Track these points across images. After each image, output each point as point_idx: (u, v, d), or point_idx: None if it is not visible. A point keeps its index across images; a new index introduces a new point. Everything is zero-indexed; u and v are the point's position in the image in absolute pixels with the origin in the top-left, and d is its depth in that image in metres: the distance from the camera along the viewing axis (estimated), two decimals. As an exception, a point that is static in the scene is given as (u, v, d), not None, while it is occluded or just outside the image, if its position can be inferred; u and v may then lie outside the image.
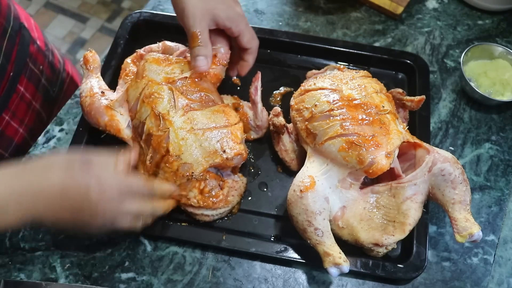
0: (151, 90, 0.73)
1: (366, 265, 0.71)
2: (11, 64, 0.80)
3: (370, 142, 0.68)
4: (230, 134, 0.72)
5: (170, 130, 0.70)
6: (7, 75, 0.80)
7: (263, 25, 1.01)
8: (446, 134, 0.88)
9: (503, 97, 0.89)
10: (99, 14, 2.32)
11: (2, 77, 0.79)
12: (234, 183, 0.75)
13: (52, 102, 0.97)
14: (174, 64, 0.77)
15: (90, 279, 0.71)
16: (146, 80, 0.75)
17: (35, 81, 0.89)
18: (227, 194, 0.74)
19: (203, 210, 0.73)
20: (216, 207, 0.73)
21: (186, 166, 0.70)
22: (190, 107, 0.72)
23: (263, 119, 0.80)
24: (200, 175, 0.70)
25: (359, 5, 1.06)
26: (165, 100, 0.72)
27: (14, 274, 0.71)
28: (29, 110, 0.89)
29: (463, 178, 0.70)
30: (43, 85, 0.92)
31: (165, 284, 0.71)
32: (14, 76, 0.82)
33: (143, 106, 0.73)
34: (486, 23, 1.04)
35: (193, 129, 0.71)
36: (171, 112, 0.71)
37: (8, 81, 0.81)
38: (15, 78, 0.83)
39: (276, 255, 0.71)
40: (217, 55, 0.79)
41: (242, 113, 0.81)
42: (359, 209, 0.71)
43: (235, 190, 0.75)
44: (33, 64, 0.88)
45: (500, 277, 0.75)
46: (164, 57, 0.78)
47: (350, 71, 0.82)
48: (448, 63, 0.98)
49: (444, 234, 0.78)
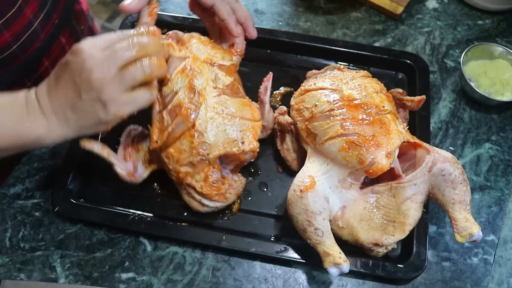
0: (192, 64, 0.74)
1: (366, 265, 0.71)
2: (57, 13, 0.84)
3: (371, 142, 0.68)
4: (252, 128, 0.73)
5: (202, 106, 0.71)
6: (52, 21, 0.84)
7: (263, 25, 1.01)
8: (446, 134, 0.88)
9: (503, 97, 0.89)
10: (99, 14, 2.32)
11: (48, 22, 0.83)
12: (233, 182, 0.75)
13: None
14: (217, 49, 0.78)
15: (90, 279, 0.71)
16: (189, 52, 0.75)
17: (75, 38, 0.94)
18: (226, 190, 0.74)
19: (202, 197, 0.73)
20: (215, 199, 0.73)
21: (205, 145, 0.70)
22: (224, 91, 0.74)
23: (269, 119, 0.81)
24: (213, 160, 0.71)
25: (359, 5, 1.06)
26: (204, 77, 0.73)
27: (14, 274, 0.71)
28: None
29: (463, 178, 0.70)
30: None
31: (165, 284, 0.71)
32: (58, 25, 0.86)
33: (180, 76, 0.73)
34: (486, 23, 1.04)
35: (222, 112, 0.72)
36: (207, 89, 0.73)
37: (52, 27, 0.84)
38: (59, 27, 0.87)
39: (276, 255, 0.71)
40: (234, 44, 0.80)
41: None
42: (359, 209, 0.71)
43: (233, 189, 0.75)
44: (76, 22, 0.94)
45: (500, 277, 0.75)
46: (209, 40, 0.79)
47: (350, 71, 0.82)
48: (448, 63, 0.98)
49: (444, 234, 0.78)
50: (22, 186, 0.79)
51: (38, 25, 0.80)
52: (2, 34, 0.74)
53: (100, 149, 0.72)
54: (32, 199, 0.78)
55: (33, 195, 0.78)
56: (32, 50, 0.81)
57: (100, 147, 0.73)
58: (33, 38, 0.80)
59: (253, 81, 0.89)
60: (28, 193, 0.78)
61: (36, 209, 0.77)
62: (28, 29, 0.78)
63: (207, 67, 0.75)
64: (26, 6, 0.75)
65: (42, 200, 0.78)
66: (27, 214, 0.76)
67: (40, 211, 0.77)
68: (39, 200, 0.78)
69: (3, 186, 0.79)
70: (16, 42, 0.77)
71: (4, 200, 0.77)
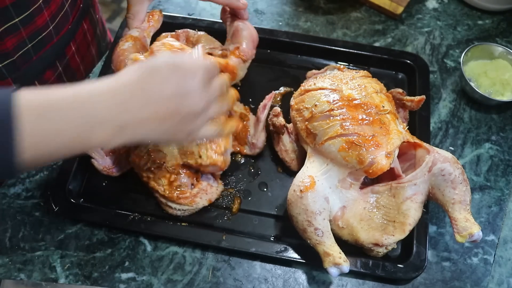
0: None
1: (366, 265, 0.71)
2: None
3: (370, 142, 0.68)
4: (213, 142, 0.72)
5: None
6: (77, 5, 0.88)
7: (263, 25, 1.01)
8: (446, 134, 0.88)
9: (503, 97, 0.89)
10: (99, 14, 2.32)
11: (74, 5, 0.86)
12: (208, 187, 0.75)
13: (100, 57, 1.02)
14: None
15: (90, 279, 0.71)
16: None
17: (93, 27, 0.97)
18: (195, 194, 0.74)
19: (167, 200, 0.73)
20: (179, 202, 0.73)
21: (160, 154, 0.71)
22: None
23: (259, 139, 0.80)
24: (172, 168, 0.71)
25: (359, 5, 1.06)
26: None
27: (14, 274, 0.71)
28: (88, 52, 0.96)
29: (463, 178, 0.70)
30: (97, 35, 1.01)
31: (165, 284, 0.71)
32: (83, 9, 0.90)
33: None
34: (486, 23, 1.04)
35: None
36: None
37: (78, 11, 0.88)
38: (83, 12, 0.91)
39: (276, 255, 0.71)
40: (240, 47, 0.79)
41: (244, 125, 0.81)
42: (359, 209, 0.71)
43: (206, 194, 0.75)
44: (93, 11, 0.97)
45: (500, 277, 0.75)
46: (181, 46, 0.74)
47: (350, 71, 0.82)
48: (448, 63, 0.98)
49: (444, 234, 0.78)
50: (22, 186, 0.79)
51: (68, 7, 0.83)
52: (42, 14, 0.76)
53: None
54: (32, 199, 0.78)
55: (33, 195, 0.78)
56: (64, 32, 0.84)
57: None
58: (65, 20, 0.83)
59: (253, 81, 0.89)
60: (28, 193, 0.78)
61: (36, 209, 0.77)
62: (61, 9, 0.81)
63: None
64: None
65: (42, 200, 0.78)
66: (27, 214, 0.76)
67: (40, 211, 0.77)
68: (39, 200, 0.78)
69: (3, 186, 0.79)
70: (52, 22, 0.79)
71: (4, 200, 0.77)
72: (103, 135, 0.51)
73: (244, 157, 0.82)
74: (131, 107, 0.52)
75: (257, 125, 0.80)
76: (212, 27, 0.92)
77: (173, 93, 0.54)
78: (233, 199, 0.78)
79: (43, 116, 0.48)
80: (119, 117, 0.52)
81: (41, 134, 0.48)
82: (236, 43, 0.81)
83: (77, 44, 0.91)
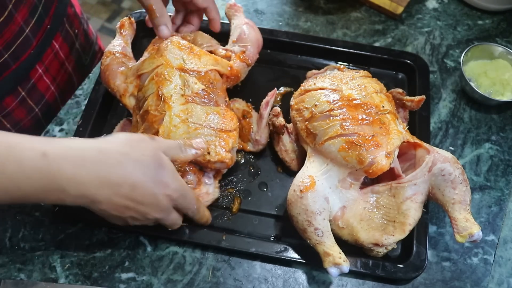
0: (163, 70, 0.74)
1: (366, 265, 0.71)
2: (49, 18, 0.83)
3: (370, 142, 0.68)
4: (221, 139, 0.72)
5: (166, 114, 0.71)
6: (44, 27, 0.83)
7: (263, 25, 1.01)
8: (446, 134, 0.88)
9: (503, 97, 0.89)
10: (99, 14, 2.32)
11: (39, 27, 0.81)
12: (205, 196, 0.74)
13: (84, 70, 1.00)
14: (194, 55, 0.77)
15: (90, 279, 0.71)
16: (163, 59, 0.76)
17: (69, 42, 0.93)
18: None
19: None
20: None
21: None
22: (193, 99, 0.73)
23: (262, 135, 0.80)
24: (179, 166, 0.70)
25: (359, 5, 1.06)
26: (172, 84, 0.73)
27: (14, 274, 0.71)
28: (62, 70, 0.92)
29: (463, 178, 0.70)
30: (76, 50, 0.97)
31: (165, 284, 0.71)
32: (50, 30, 0.85)
33: (151, 83, 0.75)
34: (486, 23, 1.04)
35: (187, 120, 0.71)
36: (173, 97, 0.72)
37: (44, 32, 0.83)
38: (51, 32, 0.86)
39: (276, 255, 0.71)
40: (246, 52, 0.82)
41: (247, 122, 0.81)
42: (359, 209, 0.71)
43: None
44: (69, 26, 0.93)
45: (500, 277, 0.75)
46: (189, 45, 0.79)
47: (350, 71, 0.82)
48: (448, 63, 0.98)
49: (444, 234, 0.78)
50: (22, 186, 0.79)
51: (30, 31, 0.78)
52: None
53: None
54: (32, 199, 0.78)
55: (33, 195, 0.78)
56: (24, 58, 0.79)
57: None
58: (24, 46, 0.79)
59: (253, 81, 0.89)
60: (28, 193, 0.78)
61: (36, 209, 0.77)
62: (19, 36, 0.77)
63: (178, 73, 0.74)
64: (16, 12, 0.74)
65: (42, 200, 0.78)
66: (27, 214, 0.76)
67: (40, 211, 0.77)
68: (39, 200, 0.78)
69: (3, 186, 0.79)
70: (7, 50, 0.75)
71: (4, 200, 0.77)
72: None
73: (244, 157, 0.82)
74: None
75: (260, 121, 0.80)
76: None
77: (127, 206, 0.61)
78: (233, 199, 0.78)
79: None
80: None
81: None
82: (241, 47, 0.82)
83: (46, 66, 0.87)
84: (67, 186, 0.56)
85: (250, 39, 0.84)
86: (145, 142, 0.62)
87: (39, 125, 0.90)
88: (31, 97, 0.87)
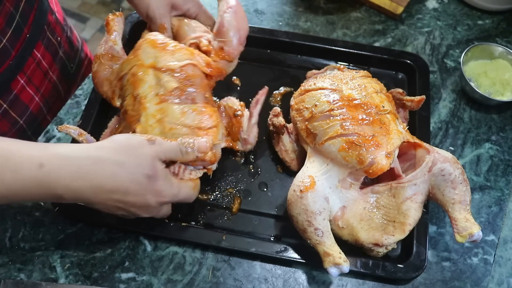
0: (137, 70, 0.74)
1: (366, 265, 0.71)
2: (27, 27, 0.81)
3: (370, 142, 0.68)
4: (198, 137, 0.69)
5: (142, 114, 0.71)
6: (23, 36, 0.80)
7: (263, 25, 1.01)
8: (446, 134, 0.88)
9: (503, 97, 0.89)
10: (99, 14, 2.32)
11: (18, 37, 0.79)
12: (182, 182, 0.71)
13: (70, 79, 0.99)
14: (168, 52, 0.74)
15: (90, 279, 0.71)
16: (137, 59, 0.75)
17: (52, 51, 0.90)
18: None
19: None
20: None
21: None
22: (167, 98, 0.71)
23: (250, 134, 0.78)
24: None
25: (359, 5, 1.06)
26: (147, 84, 0.72)
27: (14, 274, 0.71)
28: (46, 80, 0.90)
29: (463, 178, 0.70)
30: (60, 58, 0.94)
31: (165, 284, 0.71)
32: (30, 39, 0.82)
33: (127, 84, 0.75)
34: (486, 23, 1.04)
35: (162, 120, 0.70)
36: (148, 97, 0.71)
37: (24, 42, 0.80)
38: (32, 41, 0.83)
39: (276, 255, 0.71)
40: (224, 48, 0.77)
41: (237, 121, 0.78)
42: (359, 209, 0.71)
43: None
44: (51, 34, 0.89)
45: (500, 277, 0.75)
46: (162, 42, 0.76)
47: (350, 71, 0.82)
48: (448, 63, 0.98)
49: (444, 234, 0.78)
50: (22, 186, 0.79)
51: (7, 41, 0.76)
52: None
53: (77, 134, 0.72)
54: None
55: (33, 195, 0.78)
56: (3, 69, 0.77)
57: (77, 132, 0.73)
58: (3, 56, 0.76)
59: (253, 81, 0.89)
60: (28, 193, 0.78)
61: (36, 209, 0.77)
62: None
63: (152, 72, 0.73)
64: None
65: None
66: (27, 214, 0.76)
67: (40, 211, 0.77)
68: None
69: (3, 186, 0.79)
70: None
71: (4, 200, 0.77)
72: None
73: (244, 157, 0.82)
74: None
75: (249, 120, 0.79)
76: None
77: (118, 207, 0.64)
78: (233, 199, 0.78)
79: None
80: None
81: None
82: (220, 42, 0.76)
83: (28, 76, 0.84)
84: (64, 193, 0.59)
85: (228, 31, 0.76)
86: (144, 148, 0.63)
87: (25, 137, 0.87)
88: (14, 109, 0.84)
